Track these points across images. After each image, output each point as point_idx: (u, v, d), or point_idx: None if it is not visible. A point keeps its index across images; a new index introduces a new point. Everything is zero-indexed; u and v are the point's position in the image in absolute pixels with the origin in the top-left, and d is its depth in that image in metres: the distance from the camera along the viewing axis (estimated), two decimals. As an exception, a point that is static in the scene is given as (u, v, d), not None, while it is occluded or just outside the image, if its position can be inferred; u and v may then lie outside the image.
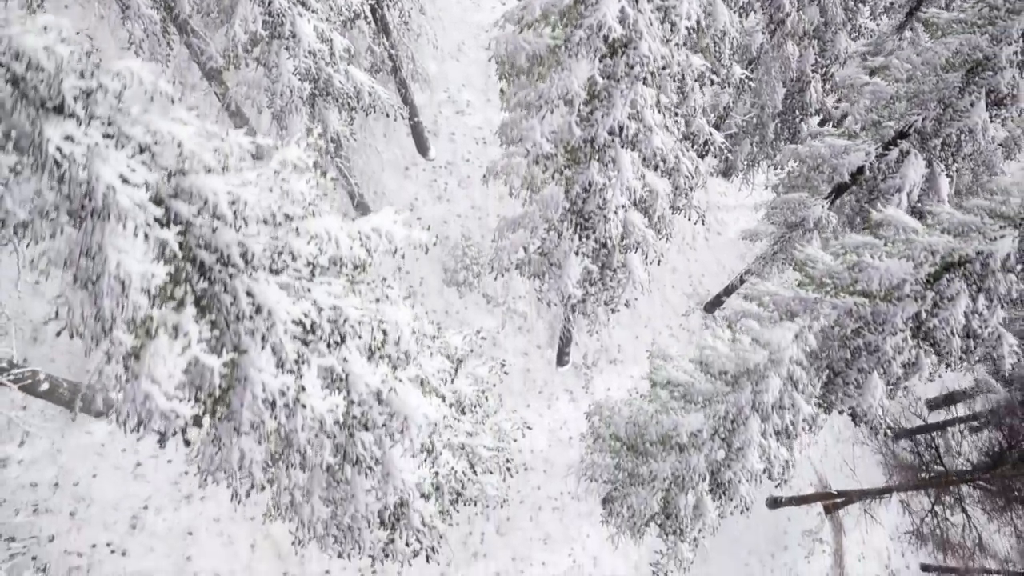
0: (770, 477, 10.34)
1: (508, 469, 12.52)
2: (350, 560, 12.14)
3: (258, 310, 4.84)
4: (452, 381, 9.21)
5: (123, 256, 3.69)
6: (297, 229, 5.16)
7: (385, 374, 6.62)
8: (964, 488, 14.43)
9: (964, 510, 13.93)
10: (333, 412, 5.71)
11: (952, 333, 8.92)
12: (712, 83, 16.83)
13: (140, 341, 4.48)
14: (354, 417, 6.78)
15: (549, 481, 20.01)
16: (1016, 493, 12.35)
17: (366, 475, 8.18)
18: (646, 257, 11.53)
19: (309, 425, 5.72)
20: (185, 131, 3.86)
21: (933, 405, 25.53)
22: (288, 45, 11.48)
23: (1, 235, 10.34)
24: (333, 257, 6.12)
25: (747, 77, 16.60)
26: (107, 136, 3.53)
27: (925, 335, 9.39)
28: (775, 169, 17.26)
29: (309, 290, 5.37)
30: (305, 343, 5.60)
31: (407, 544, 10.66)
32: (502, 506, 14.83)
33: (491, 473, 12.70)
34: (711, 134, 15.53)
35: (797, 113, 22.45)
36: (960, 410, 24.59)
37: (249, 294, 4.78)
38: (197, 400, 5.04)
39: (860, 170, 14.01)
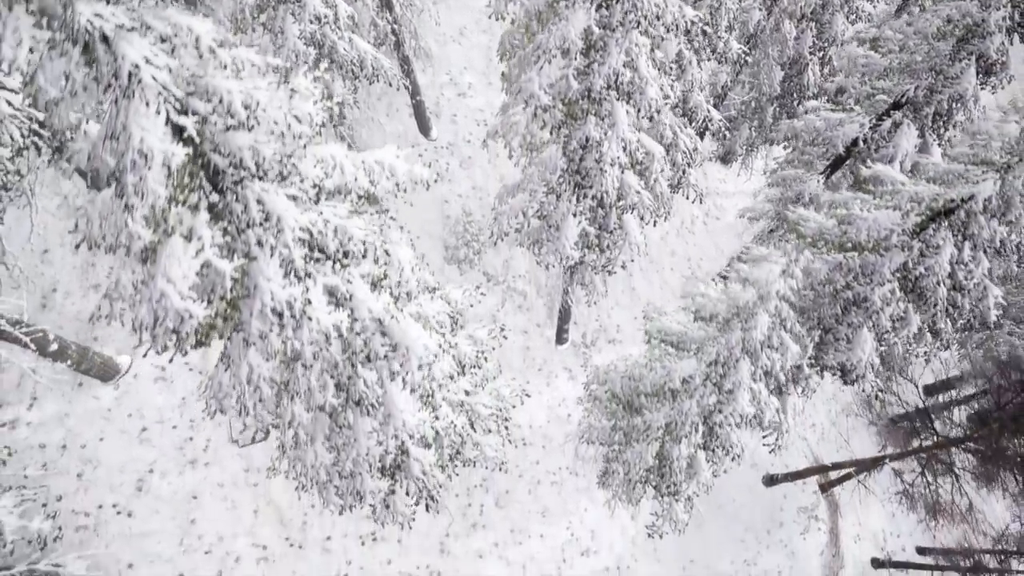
0: (761, 426, 10.59)
1: (507, 428, 12.78)
2: (351, 512, 12.42)
3: (267, 217, 5.10)
4: (452, 331, 9.47)
5: (146, 133, 3.96)
6: (305, 146, 5.43)
7: (387, 303, 6.89)
8: (955, 454, 14.67)
9: (954, 471, 14.16)
10: (338, 327, 5.97)
11: (938, 283, 9.15)
12: (709, 58, 17.10)
13: (157, 237, 4.75)
14: (356, 350, 7.05)
15: (548, 456, 20.26)
16: (1006, 453, 12.56)
17: (368, 411, 8.44)
18: (642, 219, 11.80)
19: (315, 339, 5.99)
20: (203, 26, 4.14)
21: (930, 391, 25.75)
22: (294, 11, 11.77)
23: (17, 190, 10.55)
24: (339, 185, 6.39)
25: (744, 53, 16.85)
26: (131, 22, 3.80)
27: (913, 286, 9.63)
28: (771, 145, 17.49)
29: (317, 208, 5.65)
30: (312, 259, 5.87)
31: (407, 493, 10.92)
32: (501, 468, 15.07)
33: (490, 432, 12.96)
34: (709, 111, 15.79)
35: (795, 96, 22.67)
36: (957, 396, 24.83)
37: (259, 202, 5.04)
38: (209, 302, 5.31)
39: (855, 142, 14.25)
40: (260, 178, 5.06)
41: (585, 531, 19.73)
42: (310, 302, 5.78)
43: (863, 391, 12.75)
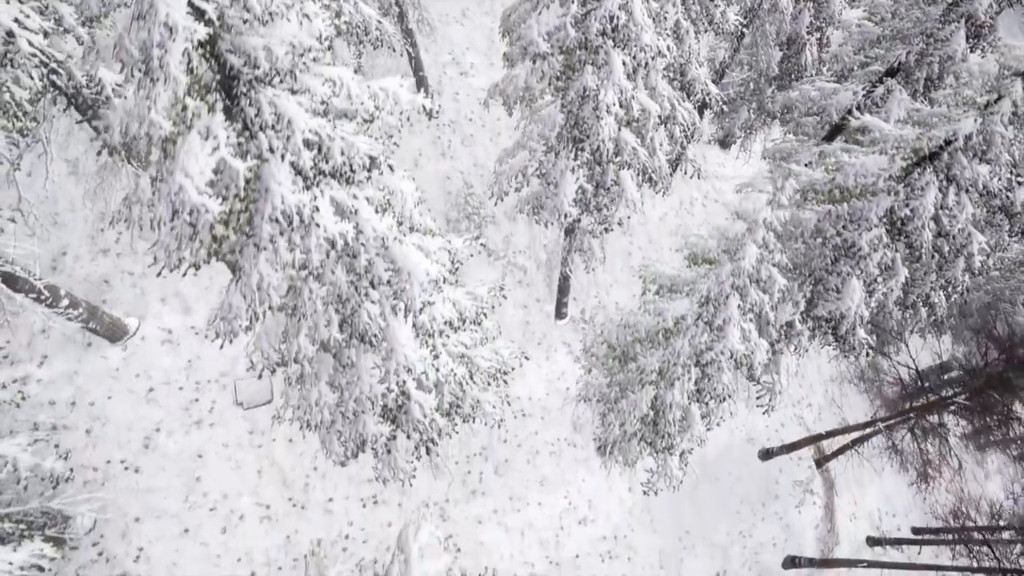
0: (752, 377, 10.88)
1: (505, 382, 13.10)
2: (356, 459, 12.69)
3: (279, 120, 5.42)
4: (452, 270, 9.79)
5: (171, 10, 4.27)
6: (315, 59, 5.76)
7: (391, 225, 7.21)
8: (945, 416, 14.93)
9: (942, 429, 14.42)
10: (344, 236, 6.29)
11: (923, 226, 9.45)
12: (707, 29, 17.39)
13: (177, 130, 5.07)
14: (360, 271, 7.37)
15: (546, 428, 20.56)
16: (992, 408, 12.82)
17: (371, 344, 8.75)
18: (638, 175, 12.10)
19: (322, 246, 6.31)
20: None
21: (927, 375, 26.05)
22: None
23: (33, 136, 10.87)
24: (346, 109, 6.72)
25: (742, 25, 17.15)
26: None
27: (899, 231, 9.91)
28: (769, 120, 17.80)
29: (326, 118, 5.97)
30: (319, 173, 6.19)
31: (408, 436, 11.24)
32: (499, 426, 15.37)
33: (489, 387, 13.28)
34: (707, 84, 16.08)
35: (793, 77, 22.95)
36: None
37: (271, 104, 5.36)
38: (224, 199, 5.62)
39: (849, 111, 14.55)
40: (272, 84, 5.38)
41: (583, 500, 20.03)
42: (318, 209, 6.10)
43: (854, 349, 13.05)
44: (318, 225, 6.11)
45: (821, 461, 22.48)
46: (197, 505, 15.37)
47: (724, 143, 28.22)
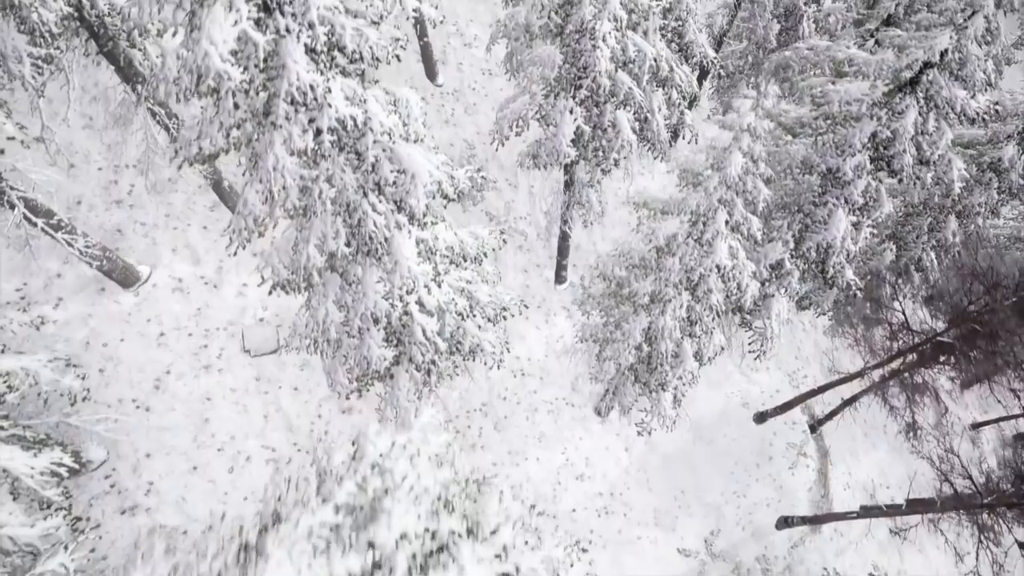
0: (743, 311, 11.30)
1: (504, 318, 13.56)
2: (361, 396, 13.16)
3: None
4: (452, 183, 10.27)
5: None
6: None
7: (396, 123, 7.70)
8: (931, 370, 15.35)
9: (930, 364, 14.81)
10: (354, 119, 6.78)
11: (904, 150, 9.86)
12: (704, -9, 17.82)
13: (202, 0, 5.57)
14: (368, 167, 7.85)
15: (545, 388, 21.02)
16: (978, 345, 13.22)
17: (376, 255, 9.22)
18: (635, 115, 12.57)
19: (334, 127, 6.79)
20: None
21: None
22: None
23: (56, 65, 11.37)
24: (356, 10, 7.20)
25: (738, -10, 17.55)
26: None
27: (882, 156, 10.33)
28: (761, 78, 18.21)
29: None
30: (332, 57, 6.67)
31: (411, 360, 11.71)
32: (498, 366, 15.76)
33: (489, 322, 13.74)
34: (704, 47, 16.52)
35: (790, 49, 23.37)
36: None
37: (288, -18, 5.85)
38: (245, 69, 6.10)
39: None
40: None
41: (580, 458, 20.47)
42: (330, 91, 6.58)
43: (841, 290, 13.48)
44: (330, 105, 6.59)
45: (815, 426, 22.89)
46: (205, 445, 15.87)
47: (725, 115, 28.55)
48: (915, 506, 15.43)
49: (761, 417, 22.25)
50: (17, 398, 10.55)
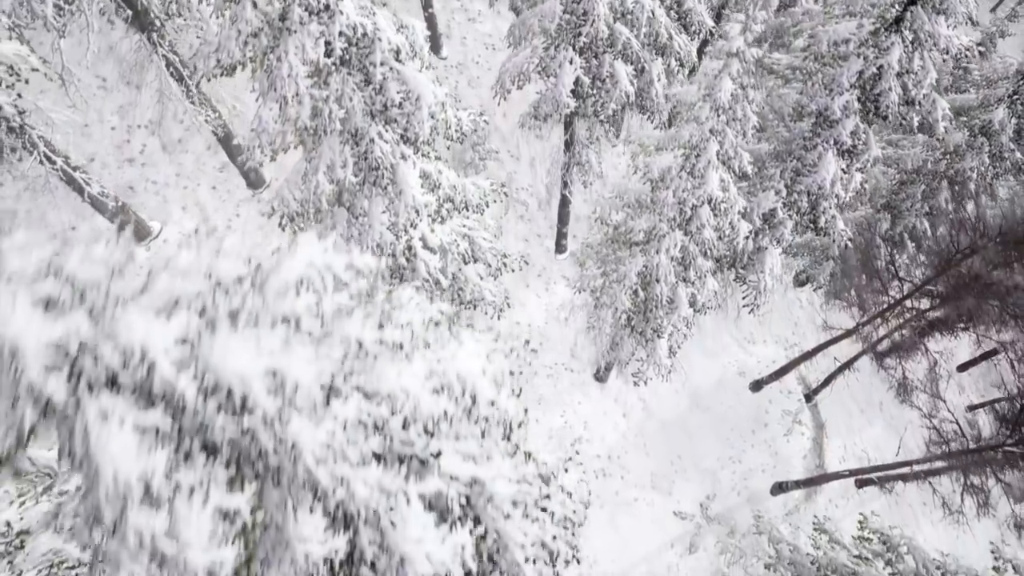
0: (734, 261, 11.69)
1: (505, 264, 13.99)
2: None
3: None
4: (459, 141, 10.72)
5: None
6: None
7: (403, 43, 8.14)
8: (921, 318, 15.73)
9: (918, 317, 15.18)
10: (363, 27, 7.22)
11: (890, 88, 10.26)
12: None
13: None
14: (377, 84, 8.29)
15: (544, 353, 21.43)
16: (964, 293, 13.58)
17: (382, 182, 9.66)
18: (632, 67, 12.99)
19: (345, 33, 7.24)
20: None
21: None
22: None
23: (77, 7, 11.82)
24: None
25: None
26: None
27: (869, 96, 10.72)
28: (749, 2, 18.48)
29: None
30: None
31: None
32: (499, 317, 16.19)
33: (491, 278, 14.19)
34: (702, 15, 16.95)
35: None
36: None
37: None
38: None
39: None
40: None
41: (579, 421, 20.88)
42: (342, -1, 7.05)
43: (833, 240, 13.88)
44: (342, 12, 7.03)
45: (810, 395, 23.26)
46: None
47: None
48: (905, 464, 15.82)
49: (757, 385, 22.64)
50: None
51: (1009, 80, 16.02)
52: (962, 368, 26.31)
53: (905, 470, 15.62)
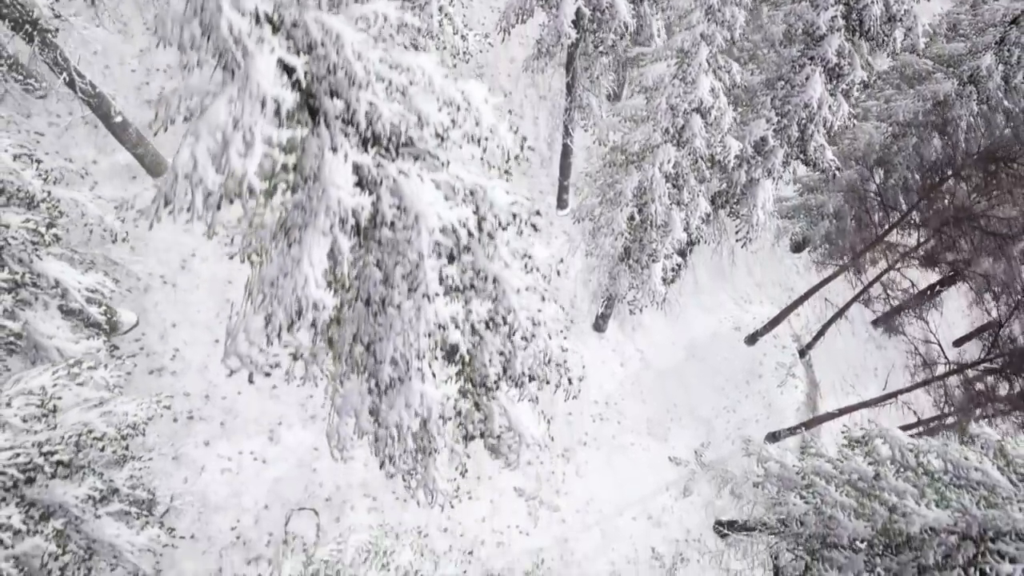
0: (727, 199, 12.30)
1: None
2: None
3: None
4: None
5: None
6: None
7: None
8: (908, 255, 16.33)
9: (905, 255, 15.75)
10: None
11: (873, 1, 10.84)
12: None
13: None
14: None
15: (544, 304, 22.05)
16: (944, 220, 14.12)
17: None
18: (630, 1, 13.65)
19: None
20: None
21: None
22: None
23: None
24: None
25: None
26: None
27: (851, 9, 11.30)
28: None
29: None
30: None
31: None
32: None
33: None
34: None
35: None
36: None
37: None
38: None
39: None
40: None
41: (577, 367, 21.47)
42: None
43: (821, 171, 14.49)
44: None
45: (804, 351, 23.83)
46: (227, 321, 17.00)
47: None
48: (891, 396, 16.39)
49: (752, 339, 23.23)
50: (67, 224, 11.71)
51: (996, 27, 16.60)
52: (958, 343, 26.77)
53: (891, 400, 16.18)
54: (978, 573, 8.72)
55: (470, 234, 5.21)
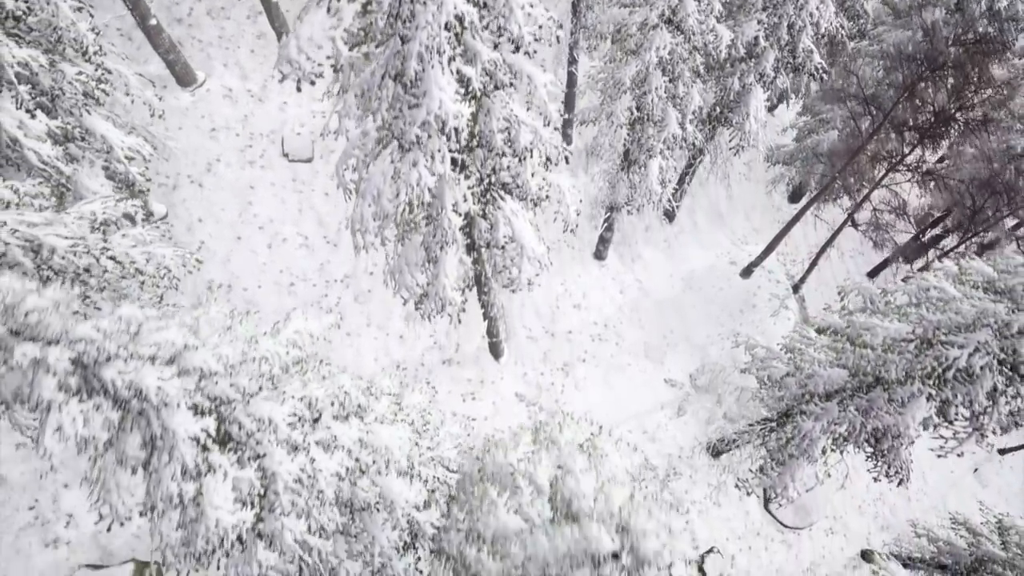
0: (721, 116, 13.19)
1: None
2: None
3: None
4: None
5: None
6: None
7: None
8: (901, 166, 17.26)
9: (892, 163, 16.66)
10: None
11: None
12: None
13: None
14: None
15: (544, 230, 23.02)
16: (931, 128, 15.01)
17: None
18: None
19: None
20: None
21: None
22: None
23: None
24: None
25: None
26: None
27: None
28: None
29: None
30: None
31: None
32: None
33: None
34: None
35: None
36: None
37: None
38: None
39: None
40: None
41: (578, 291, 22.49)
42: None
43: (811, 76, 15.43)
44: None
45: (797, 286, 24.71)
46: (248, 222, 18.10)
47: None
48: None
49: (747, 272, 24.15)
50: (110, 90, 12.78)
51: (980, -47, 17.46)
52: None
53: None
54: (935, 381, 9.66)
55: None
